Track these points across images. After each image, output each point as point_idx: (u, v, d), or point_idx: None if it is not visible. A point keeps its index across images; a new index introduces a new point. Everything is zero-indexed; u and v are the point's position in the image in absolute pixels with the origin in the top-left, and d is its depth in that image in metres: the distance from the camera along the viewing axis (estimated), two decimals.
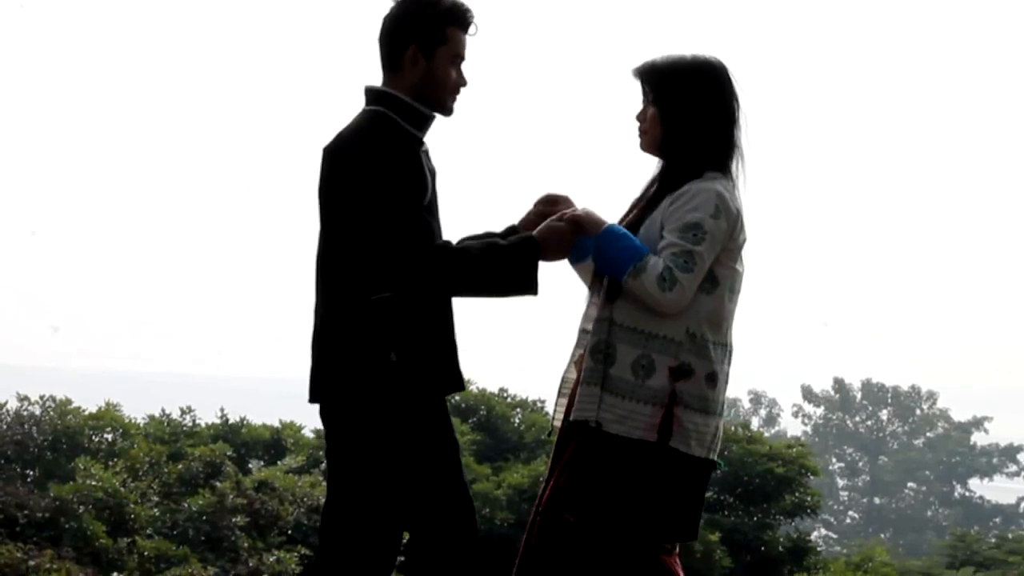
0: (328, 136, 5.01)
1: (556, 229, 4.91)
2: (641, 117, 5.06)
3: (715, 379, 4.93)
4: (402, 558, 4.99)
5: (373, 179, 4.82)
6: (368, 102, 5.03)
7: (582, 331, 5.06)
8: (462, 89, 5.08)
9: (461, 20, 5.02)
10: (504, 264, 4.83)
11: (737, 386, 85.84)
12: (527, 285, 4.85)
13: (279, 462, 17.16)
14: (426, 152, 5.02)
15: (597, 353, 4.89)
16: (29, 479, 15.33)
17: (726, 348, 5.01)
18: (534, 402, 21.13)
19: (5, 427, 15.92)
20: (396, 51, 4.99)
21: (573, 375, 5.05)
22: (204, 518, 13.84)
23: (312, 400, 4.98)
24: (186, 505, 14.03)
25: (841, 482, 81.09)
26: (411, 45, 4.96)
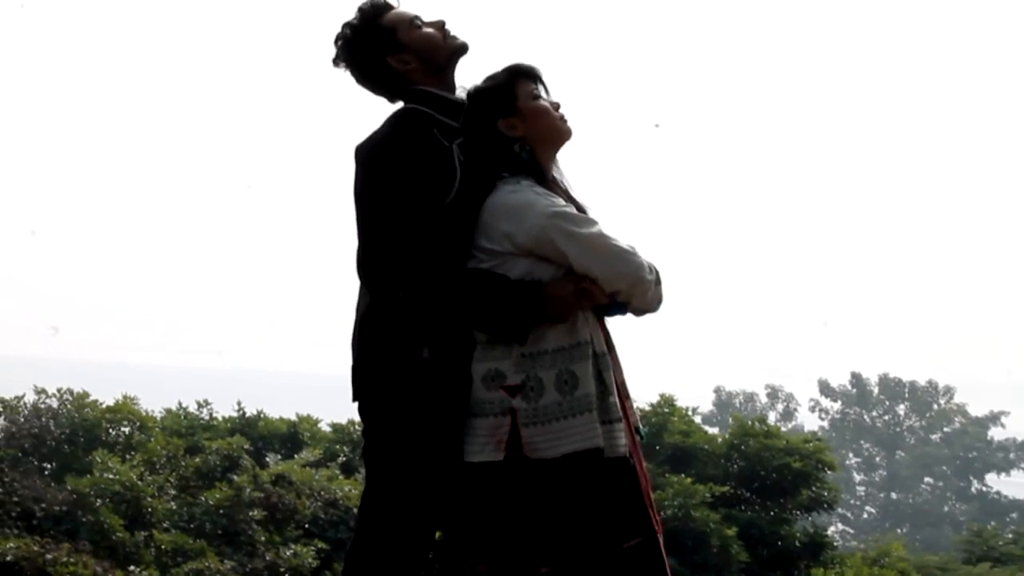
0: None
1: (568, 291, 4.78)
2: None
3: None
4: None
5: (382, 183, 4.82)
6: (404, 99, 5.07)
7: (601, 354, 4.87)
8: (445, 26, 5.10)
9: (382, 9, 5.08)
10: (501, 305, 4.73)
11: (754, 380, 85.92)
12: (516, 334, 4.76)
13: (296, 456, 17.15)
14: (463, 142, 5.01)
15: None
16: (46, 472, 15.33)
17: None
18: None
19: (23, 420, 15.92)
20: (383, 75, 5.07)
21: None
22: (221, 512, 13.83)
23: (353, 399, 4.98)
24: (203, 499, 14.02)
25: (858, 477, 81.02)
26: (383, 60, 5.02)
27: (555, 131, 4.98)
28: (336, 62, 5.14)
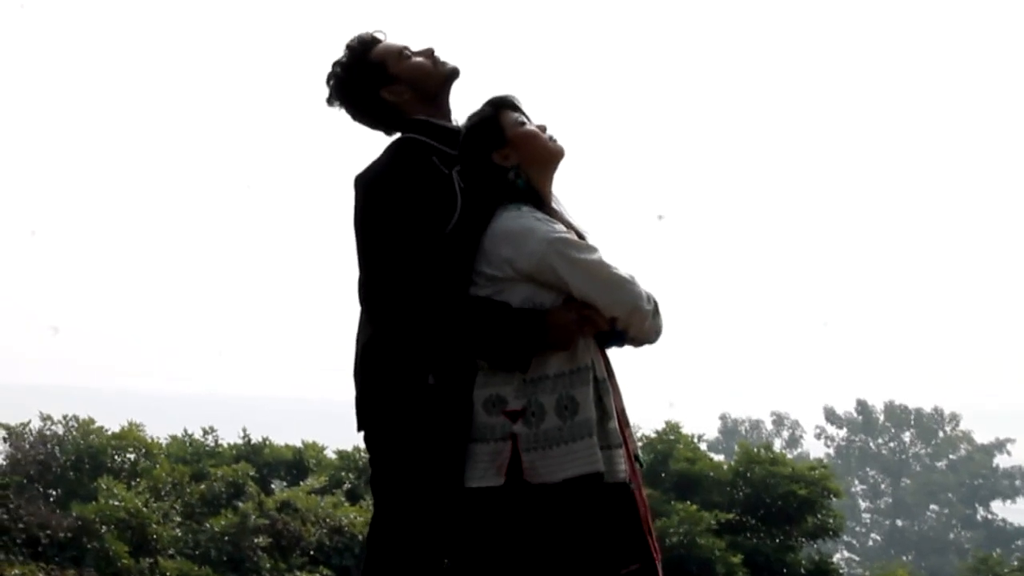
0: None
1: (570, 318, 4.77)
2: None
3: None
4: None
5: (383, 212, 4.83)
6: (401, 130, 5.09)
7: (602, 380, 4.86)
8: (432, 51, 5.13)
9: (370, 44, 5.11)
10: (504, 333, 4.73)
11: (760, 407, 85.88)
12: (519, 363, 4.75)
13: (301, 482, 17.15)
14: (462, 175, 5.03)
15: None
16: (52, 499, 15.35)
17: None
18: None
19: (28, 447, 15.94)
20: (378, 109, 5.10)
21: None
22: (226, 539, 13.83)
23: (358, 429, 4.98)
24: (208, 526, 14.02)
25: (863, 504, 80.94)
26: (376, 94, 5.05)
27: (548, 152, 5.02)
28: (330, 101, 5.18)
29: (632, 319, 4.85)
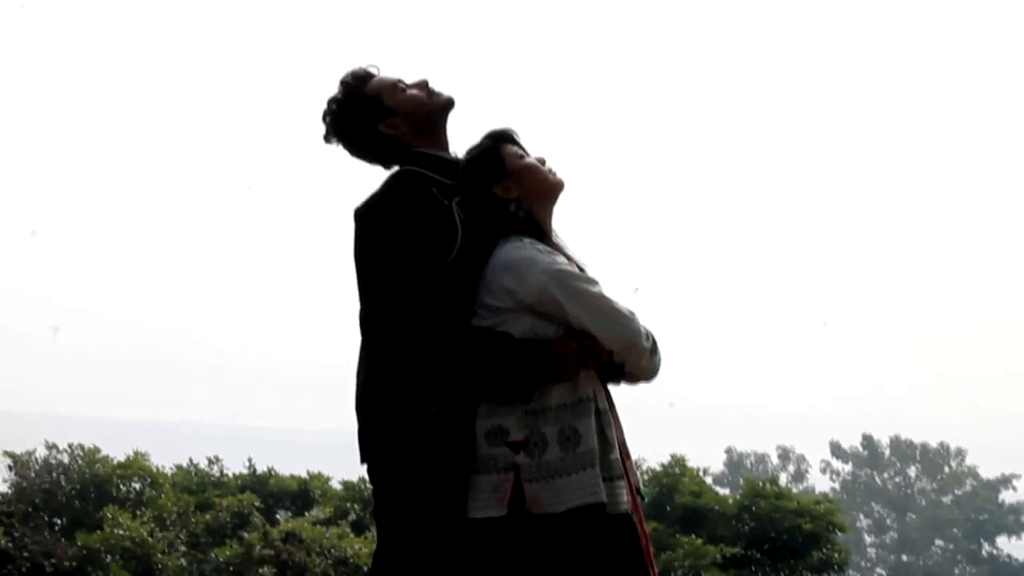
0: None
1: (572, 348, 4.77)
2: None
3: None
4: None
5: (383, 244, 4.83)
6: (400, 163, 5.10)
7: (604, 411, 4.85)
8: (427, 83, 5.15)
9: (363, 79, 5.13)
10: (507, 365, 4.73)
11: (766, 442, 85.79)
12: (521, 394, 4.75)
13: (306, 513, 17.14)
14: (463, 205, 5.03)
15: None
16: (57, 527, 15.34)
17: None
18: None
19: (33, 475, 15.94)
20: (376, 143, 5.11)
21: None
22: (231, 569, 13.83)
23: (361, 461, 4.98)
24: (213, 555, 14.02)
25: (869, 539, 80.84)
26: (373, 128, 5.06)
27: (549, 184, 5.04)
28: (327, 138, 5.18)
29: (630, 355, 4.85)
